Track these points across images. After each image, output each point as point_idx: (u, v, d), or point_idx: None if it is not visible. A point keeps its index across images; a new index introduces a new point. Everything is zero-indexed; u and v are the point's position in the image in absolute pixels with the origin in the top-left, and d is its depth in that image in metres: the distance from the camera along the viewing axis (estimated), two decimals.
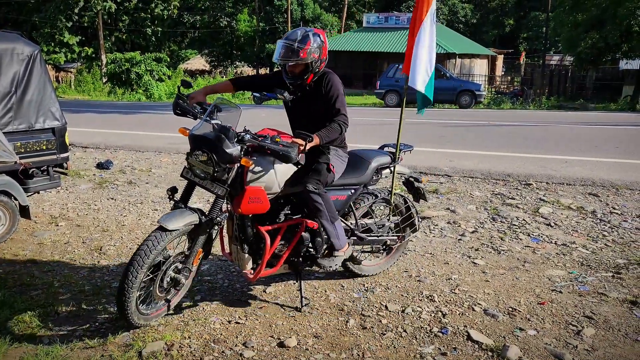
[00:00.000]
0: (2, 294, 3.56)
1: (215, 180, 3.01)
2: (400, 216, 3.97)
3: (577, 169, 7.19)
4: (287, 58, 3.13)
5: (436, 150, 8.75)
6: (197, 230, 3.07)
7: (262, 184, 3.09)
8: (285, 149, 2.87)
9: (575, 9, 25.97)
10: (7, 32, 4.98)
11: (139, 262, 2.85)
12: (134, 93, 26.09)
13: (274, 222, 3.30)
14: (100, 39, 31.66)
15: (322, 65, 3.26)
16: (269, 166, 3.11)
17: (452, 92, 20.00)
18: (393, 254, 4.06)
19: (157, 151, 9.11)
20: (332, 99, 3.23)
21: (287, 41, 3.14)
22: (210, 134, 2.97)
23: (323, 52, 3.22)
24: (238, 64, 41.77)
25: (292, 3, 35.91)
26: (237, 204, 3.06)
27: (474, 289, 3.76)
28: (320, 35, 3.23)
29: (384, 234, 3.83)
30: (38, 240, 4.76)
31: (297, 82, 3.25)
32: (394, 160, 3.84)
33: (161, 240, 2.90)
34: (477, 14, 54.69)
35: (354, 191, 3.60)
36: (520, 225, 5.15)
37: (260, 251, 3.25)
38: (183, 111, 3.20)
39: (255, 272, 3.27)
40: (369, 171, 3.63)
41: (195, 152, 2.96)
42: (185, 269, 3.10)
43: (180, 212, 3.00)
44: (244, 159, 2.94)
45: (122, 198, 6.17)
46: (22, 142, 4.71)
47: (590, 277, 3.94)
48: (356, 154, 3.70)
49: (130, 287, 2.86)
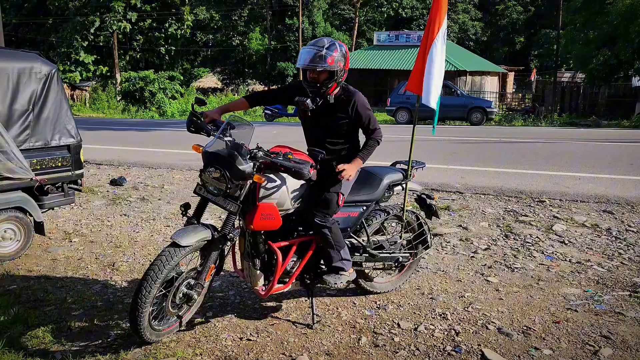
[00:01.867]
0: (16, 310, 3.58)
1: (228, 197, 3.03)
2: (413, 233, 3.95)
3: (590, 186, 7.12)
4: (314, 64, 3.10)
5: (448, 167, 8.73)
6: (210, 246, 3.08)
7: (274, 201, 3.10)
8: (297, 165, 2.90)
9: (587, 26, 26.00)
10: (26, 52, 5.09)
11: (152, 277, 2.87)
12: (147, 111, 26.45)
13: (286, 239, 3.30)
14: (115, 58, 32.24)
15: (344, 76, 3.27)
16: (281, 183, 3.13)
17: (463, 109, 19.99)
18: (405, 271, 4.03)
19: (169, 168, 9.19)
20: (366, 119, 3.32)
21: (315, 47, 3.13)
22: (223, 150, 3.00)
23: (347, 62, 3.25)
24: (250, 81, 42.21)
25: (304, 22, 36.33)
26: (249, 221, 3.08)
27: (488, 307, 3.72)
28: (344, 46, 3.26)
29: (396, 251, 3.81)
30: (52, 256, 4.80)
31: (321, 90, 3.22)
32: (406, 177, 3.84)
33: (174, 256, 2.91)
34: (487, 32, 54.88)
35: (365, 208, 3.60)
36: (533, 243, 5.10)
37: (272, 268, 3.25)
38: (197, 128, 3.20)
39: (267, 288, 3.27)
40: (381, 188, 3.63)
41: (208, 169, 2.99)
42: (197, 285, 3.10)
43: (193, 228, 3.02)
44: (256, 175, 2.97)
45: (134, 214, 6.21)
46: (38, 158, 4.78)
47: (606, 296, 3.87)
48: (368, 171, 3.70)
49: (143, 302, 2.86)
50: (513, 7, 54.96)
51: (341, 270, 3.38)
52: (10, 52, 5.00)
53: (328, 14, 44.52)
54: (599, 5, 24.76)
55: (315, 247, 3.38)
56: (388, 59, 31.64)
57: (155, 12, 34.05)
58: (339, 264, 3.37)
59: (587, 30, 26.09)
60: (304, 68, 3.18)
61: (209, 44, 41.04)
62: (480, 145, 12.33)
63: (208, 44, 41.13)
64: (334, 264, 3.37)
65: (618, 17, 23.16)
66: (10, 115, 4.60)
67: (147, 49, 35.81)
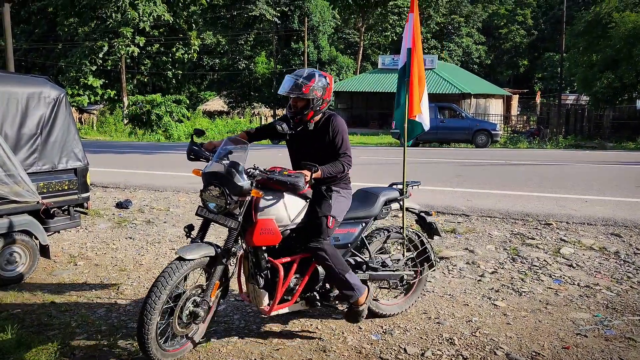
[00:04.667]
0: (20, 334, 3.56)
1: (227, 215, 3.13)
2: (415, 251, 4.00)
3: (597, 209, 7.08)
4: (290, 90, 3.30)
5: (453, 190, 8.71)
6: (214, 262, 3.16)
7: (272, 216, 3.21)
8: (292, 178, 3.05)
9: (590, 49, 26.20)
10: (35, 77, 5.17)
11: (158, 289, 2.92)
12: (153, 134, 26.67)
13: (288, 255, 3.36)
14: (123, 81, 32.66)
15: (323, 106, 3.41)
16: (278, 199, 3.24)
17: (468, 132, 20.05)
18: (412, 294, 4.01)
19: (175, 190, 9.21)
20: (338, 142, 3.39)
21: (294, 76, 3.35)
22: (221, 168, 3.14)
23: (327, 92, 3.39)
24: (255, 104, 42.59)
25: (309, 46, 36.79)
26: (249, 237, 3.18)
27: (496, 332, 3.66)
28: (327, 77, 3.42)
29: (399, 268, 3.84)
30: (56, 280, 4.79)
31: (297, 116, 3.39)
32: (401, 194, 3.97)
33: (180, 269, 2.98)
34: (491, 55, 55.38)
35: (365, 224, 3.70)
36: (541, 266, 5.05)
37: (275, 285, 3.29)
38: (196, 156, 3.35)
39: (271, 305, 3.30)
40: (378, 204, 3.76)
41: (208, 188, 3.11)
42: (203, 302, 3.13)
43: (197, 245, 3.12)
44: (254, 190, 3.10)
45: (140, 237, 6.21)
46: (45, 182, 4.82)
47: (616, 321, 3.81)
48: (366, 190, 3.90)
49: (150, 315, 2.89)
50: (516, 30, 55.58)
51: (352, 297, 3.40)
52: (20, 77, 5.08)
53: (333, 38, 45.11)
54: (602, 29, 24.99)
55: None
56: (392, 82, 31.86)
57: (163, 37, 34.60)
58: (349, 292, 3.38)
59: (590, 53, 26.27)
60: (282, 94, 3.37)
61: (215, 67, 41.55)
62: (485, 167, 12.31)
63: (214, 68, 41.64)
64: (344, 292, 3.39)
65: (621, 40, 23.35)
66: (18, 139, 4.65)
67: (154, 72, 36.29)
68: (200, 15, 36.81)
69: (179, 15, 34.57)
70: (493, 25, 56.65)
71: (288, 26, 38.42)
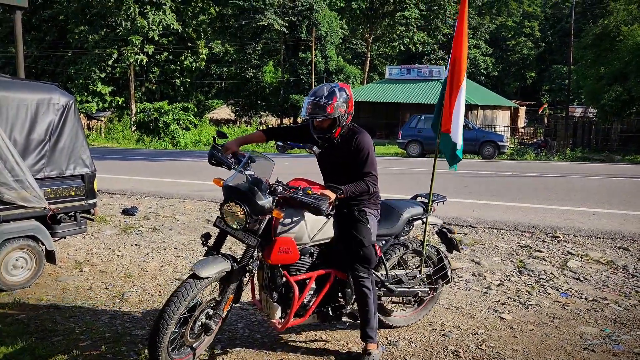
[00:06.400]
0: (24, 340, 3.56)
1: (247, 231, 3.06)
2: (433, 267, 3.90)
3: (605, 222, 7.02)
4: (314, 114, 3.18)
5: (460, 201, 8.67)
6: (229, 278, 3.10)
7: (292, 235, 3.13)
8: (316, 201, 2.93)
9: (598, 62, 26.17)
10: (45, 83, 5.21)
11: (171, 310, 2.87)
12: (161, 141, 26.81)
13: (304, 272, 3.28)
14: (131, 89, 32.93)
15: (349, 119, 3.30)
16: (299, 217, 3.16)
17: (475, 143, 19.97)
18: (425, 306, 3.96)
19: (181, 198, 9.23)
20: (362, 159, 3.26)
21: (314, 98, 3.19)
22: (243, 185, 3.04)
23: (349, 106, 3.27)
24: (262, 113, 42.74)
25: (317, 56, 36.95)
26: (267, 254, 3.10)
27: (502, 345, 3.63)
28: (346, 89, 3.28)
29: (415, 286, 3.77)
30: (62, 286, 4.80)
31: (326, 136, 3.29)
32: (426, 211, 3.82)
33: (194, 288, 2.94)
34: (498, 67, 55.39)
35: (384, 242, 3.59)
36: (548, 279, 5.00)
37: (289, 301, 3.23)
38: (218, 162, 3.27)
39: (284, 322, 3.24)
40: (401, 222, 3.63)
41: (228, 203, 3.02)
42: (216, 315, 3.11)
43: (213, 259, 3.04)
44: (275, 211, 3.00)
45: (145, 244, 6.22)
46: (52, 188, 4.83)
47: (624, 336, 3.77)
48: (388, 205, 3.69)
49: (164, 329, 2.85)
50: (524, 42, 55.61)
51: (371, 340, 3.31)
52: (30, 84, 5.12)
53: (341, 48, 45.32)
54: (610, 41, 24.96)
55: (333, 280, 3.34)
56: (399, 93, 31.95)
57: (171, 46, 34.89)
58: (371, 333, 3.30)
59: (598, 66, 26.23)
60: (307, 119, 3.28)
61: (223, 76, 41.79)
62: (492, 179, 12.26)
63: (222, 77, 41.88)
64: (367, 330, 3.30)
65: (629, 53, 23.30)
66: (27, 145, 4.68)
67: (162, 80, 36.56)
68: (208, 25, 37.14)
69: (187, 24, 34.89)
70: (500, 37, 56.72)
71: (296, 36, 38.63)
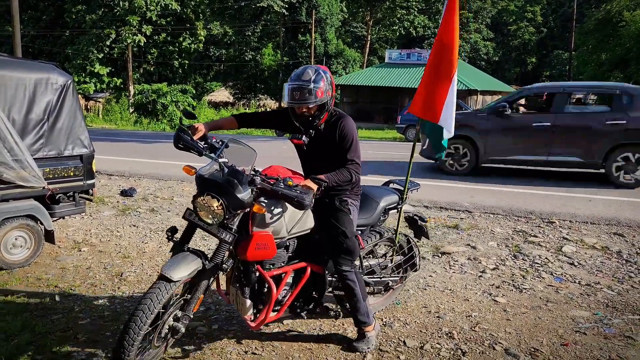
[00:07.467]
0: (24, 317, 3.61)
1: (222, 226, 2.79)
2: (404, 256, 3.89)
3: (601, 208, 7.07)
4: (303, 100, 2.93)
5: (457, 186, 8.71)
6: (200, 276, 2.83)
7: (270, 229, 2.89)
8: (300, 195, 2.68)
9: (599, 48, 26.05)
10: (43, 63, 5.19)
11: (144, 315, 2.60)
12: (159, 123, 26.72)
13: (278, 266, 3.07)
14: (129, 70, 32.69)
15: (333, 102, 3.11)
16: (280, 210, 2.91)
17: None
18: (391, 294, 3.95)
19: (179, 180, 9.25)
20: (346, 145, 3.06)
21: (300, 82, 2.93)
22: (220, 177, 2.75)
23: (333, 88, 3.07)
24: (261, 96, 42.56)
25: (316, 38, 36.69)
26: (242, 250, 2.85)
27: (495, 327, 3.68)
28: (327, 71, 3.09)
29: (386, 275, 3.76)
30: (61, 265, 4.84)
31: (314, 123, 3.06)
32: (401, 199, 3.77)
33: (165, 293, 2.67)
34: (499, 52, 55.08)
35: (360, 232, 3.48)
36: (542, 264, 5.05)
37: (263, 297, 3.06)
38: (186, 146, 2.92)
39: (258, 319, 3.05)
40: (377, 212, 3.55)
41: (203, 196, 2.73)
42: (184, 317, 2.83)
43: (183, 258, 2.76)
44: (256, 206, 2.75)
45: (144, 225, 6.25)
46: (51, 168, 4.84)
47: (616, 320, 3.82)
48: (365, 194, 3.53)
49: (131, 343, 2.58)
50: (525, 28, 55.24)
51: (366, 324, 3.27)
52: (28, 63, 5.10)
53: (340, 32, 44.96)
54: (612, 27, 24.83)
55: (309, 274, 3.18)
56: (399, 77, 31.78)
57: (170, 27, 34.57)
58: (364, 318, 3.26)
59: (599, 52, 26.13)
60: (294, 106, 3.01)
61: (221, 58, 41.51)
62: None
63: (221, 59, 41.60)
64: (359, 317, 3.24)
65: (630, 39, 23.20)
66: (25, 125, 4.68)
67: (160, 62, 36.29)
68: (207, 6, 36.72)
69: (186, 4, 34.50)
70: (502, 22, 56.33)
71: (296, 18, 38.29)
